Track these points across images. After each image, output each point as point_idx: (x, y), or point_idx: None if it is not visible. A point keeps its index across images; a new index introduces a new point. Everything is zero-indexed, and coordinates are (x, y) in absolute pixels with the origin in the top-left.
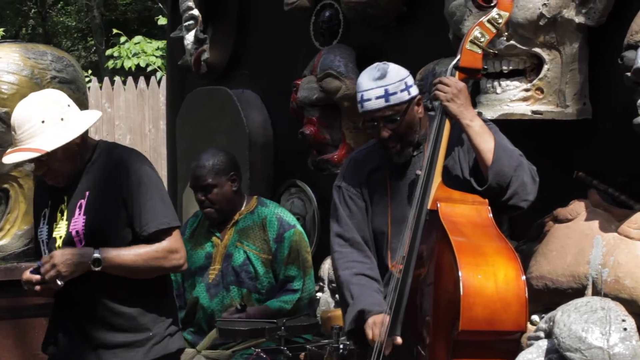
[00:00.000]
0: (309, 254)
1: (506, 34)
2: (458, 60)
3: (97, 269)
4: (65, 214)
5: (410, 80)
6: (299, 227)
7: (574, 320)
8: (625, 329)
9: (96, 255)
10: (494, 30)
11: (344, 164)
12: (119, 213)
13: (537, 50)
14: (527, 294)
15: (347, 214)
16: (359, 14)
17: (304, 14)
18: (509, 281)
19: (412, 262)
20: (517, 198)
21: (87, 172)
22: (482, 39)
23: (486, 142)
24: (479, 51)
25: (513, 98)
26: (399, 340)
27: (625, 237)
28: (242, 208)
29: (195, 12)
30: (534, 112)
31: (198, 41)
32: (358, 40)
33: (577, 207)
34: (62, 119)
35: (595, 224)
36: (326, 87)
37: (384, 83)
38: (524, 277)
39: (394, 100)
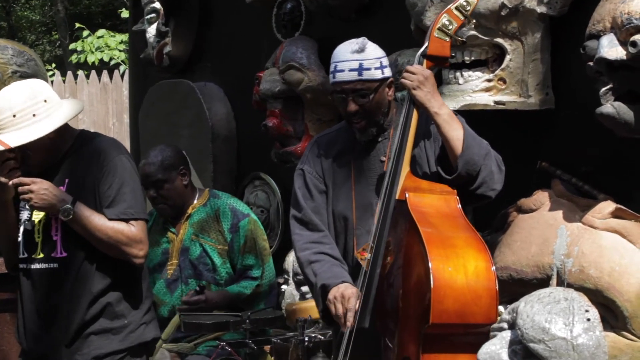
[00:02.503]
0: (265, 242)
1: (474, 21)
2: (426, 47)
3: (63, 217)
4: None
5: (385, 61)
6: (253, 215)
7: (537, 311)
8: (588, 320)
9: (69, 206)
10: (462, 18)
11: (306, 147)
12: (94, 201)
13: (499, 40)
14: (497, 286)
15: (307, 196)
16: (321, 6)
17: (266, 6)
18: (479, 273)
19: (380, 253)
20: (485, 187)
21: (67, 161)
22: (450, 27)
23: (455, 130)
24: (447, 39)
25: (475, 89)
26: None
27: (589, 227)
28: (195, 201)
29: (157, 5)
30: (496, 102)
31: (160, 34)
32: (320, 32)
33: (541, 197)
34: (34, 115)
35: (559, 214)
36: (288, 79)
37: (361, 57)
38: (494, 269)
39: (366, 75)
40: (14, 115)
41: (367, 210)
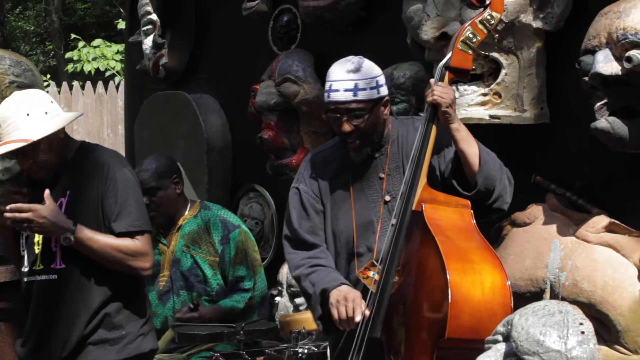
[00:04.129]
0: (256, 253)
1: (497, 35)
2: (449, 59)
3: (64, 244)
4: None
5: (382, 79)
6: (243, 227)
7: (532, 323)
8: (583, 332)
9: (68, 235)
10: (486, 31)
11: (301, 165)
12: (96, 214)
13: (495, 54)
14: (512, 303)
15: (304, 216)
16: (317, 19)
17: (262, 18)
18: (496, 289)
19: (394, 262)
20: (501, 201)
21: (68, 172)
22: (474, 40)
23: (472, 146)
24: (470, 52)
25: (471, 102)
26: (366, 312)
27: (583, 240)
28: (186, 213)
29: (154, 16)
30: (491, 116)
31: (156, 46)
32: (316, 45)
33: (535, 211)
34: (46, 113)
35: (553, 227)
36: (284, 91)
37: (356, 77)
38: (509, 285)
39: (361, 95)
40: (28, 114)
41: (368, 228)
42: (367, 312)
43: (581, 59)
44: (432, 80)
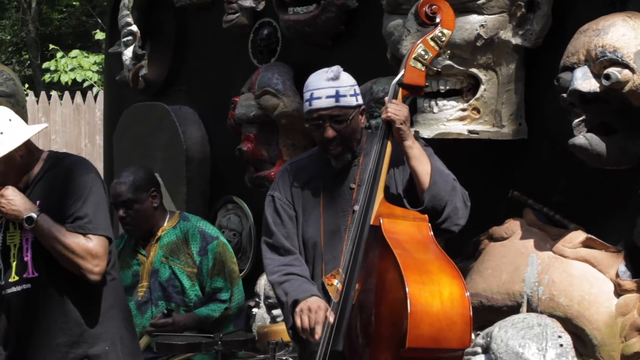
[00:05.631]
0: (234, 265)
1: (448, 52)
2: (402, 76)
3: (26, 225)
4: (17, 223)
5: (358, 89)
6: (222, 238)
7: (511, 335)
8: (561, 345)
9: (32, 215)
10: (437, 48)
11: (277, 174)
12: (64, 222)
13: (474, 70)
14: (471, 312)
15: (278, 222)
16: (297, 33)
17: (242, 31)
18: (454, 299)
19: (354, 277)
20: (449, 222)
21: (37, 183)
22: (426, 57)
23: (424, 164)
24: (423, 68)
25: (450, 117)
26: (330, 319)
27: (560, 255)
28: (165, 224)
29: (134, 28)
30: (470, 131)
31: (136, 57)
32: (296, 59)
33: (513, 226)
34: (1, 133)
35: (530, 242)
36: (264, 104)
37: (336, 84)
38: (468, 295)
39: (343, 102)
40: None
41: (335, 237)
42: (331, 319)
43: (560, 76)
44: (386, 98)
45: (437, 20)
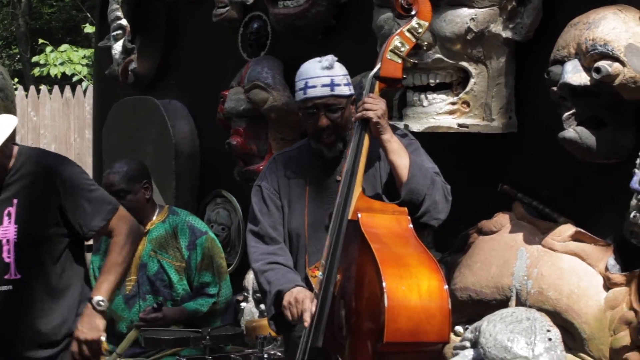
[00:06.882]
0: (223, 260)
1: (425, 43)
2: (378, 69)
3: (102, 308)
4: None
5: (349, 78)
6: (210, 233)
7: (500, 330)
8: (550, 339)
9: (100, 308)
10: (414, 40)
11: (265, 165)
12: (54, 221)
13: (464, 64)
14: (450, 305)
15: (265, 211)
16: (287, 26)
17: (232, 25)
18: (432, 292)
19: (334, 272)
20: (428, 216)
21: (12, 180)
22: (402, 49)
23: (402, 158)
24: (399, 60)
25: (439, 111)
26: (313, 309)
27: (549, 249)
28: (154, 218)
29: (124, 22)
30: (460, 125)
31: (126, 51)
32: (286, 53)
33: (502, 220)
34: None
35: (519, 236)
36: (253, 98)
37: (331, 73)
38: (446, 288)
39: (337, 91)
40: None
41: (319, 229)
42: (313, 309)
43: (550, 69)
44: (364, 92)
45: (413, 12)
